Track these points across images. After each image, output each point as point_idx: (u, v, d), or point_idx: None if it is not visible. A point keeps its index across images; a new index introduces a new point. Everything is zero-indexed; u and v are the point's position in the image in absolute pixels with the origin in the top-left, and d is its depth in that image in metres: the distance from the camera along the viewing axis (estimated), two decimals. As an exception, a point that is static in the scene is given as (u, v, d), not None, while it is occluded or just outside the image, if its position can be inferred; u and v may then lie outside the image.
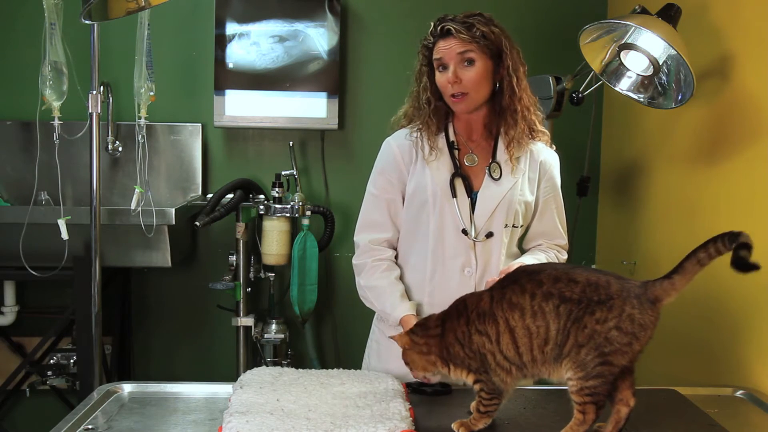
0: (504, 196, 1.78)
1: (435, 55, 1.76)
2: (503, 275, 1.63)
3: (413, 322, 1.67)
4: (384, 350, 1.89)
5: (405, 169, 1.83)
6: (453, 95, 1.74)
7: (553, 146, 1.89)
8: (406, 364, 1.45)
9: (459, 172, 1.80)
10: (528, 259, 1.79)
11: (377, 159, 1.88)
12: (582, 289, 1.30)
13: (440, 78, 1.76)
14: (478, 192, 1.80)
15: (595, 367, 1.27)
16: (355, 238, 1.89)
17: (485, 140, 1.85)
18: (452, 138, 1.83)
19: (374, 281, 1.82)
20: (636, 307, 1.27)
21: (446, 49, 1.73)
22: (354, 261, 1.88)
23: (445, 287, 1.78)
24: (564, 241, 1.89)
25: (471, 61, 1.73)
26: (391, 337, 1.48)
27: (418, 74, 1.82)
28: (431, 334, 1.42)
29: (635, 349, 1.27)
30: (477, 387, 1.38)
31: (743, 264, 1.21)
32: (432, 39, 1.76)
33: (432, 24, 1.78)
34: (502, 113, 1.80)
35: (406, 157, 1.83)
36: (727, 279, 1.92)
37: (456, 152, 1.82)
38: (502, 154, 1.82)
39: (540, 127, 1.85)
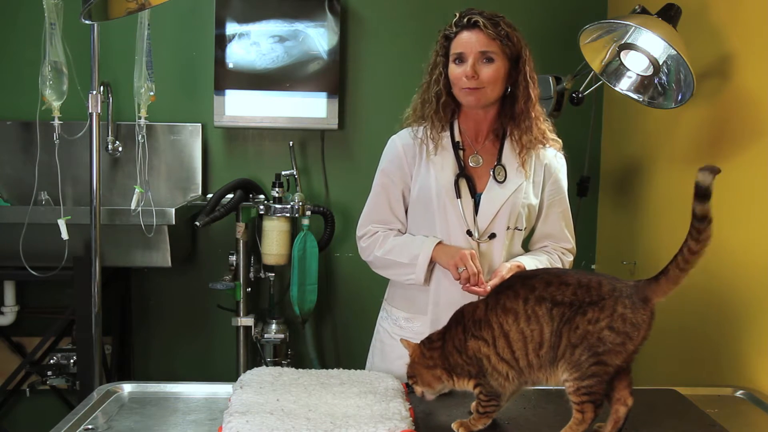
0: (507, 199, 1.78)
1: (455, 47, 1.74)
2: (496, 276, 1.65)
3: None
4: (388, 350, 1.89)
5: (408, 168, 1.83)
6: (467, 88, 1.73)
7: (563, 152, 1.88)
8: (411, 377, 1.46)
9: (464, 172, 1.79)
10: (525, 259, 1.78)
11: (382, 156, 1.88)
12: (573, 291, 1.30)
13: (455, 70, 1.74)
14: (481, 194, 1.79)
15: (590, 367, 1.27)
16: (358, 232, 1.88)
17: (491, 142, 1.84)
18: (457, 138, 1.83)
19: (391, 242, 1.81)
20: (628, 307, 1.27)
21: (468, 42, 1.71)
22: (362, 243, 1.86)
23: (448, 286, 1.78)
24: (570, 244, 1.88)
25: (490, 59, 1.72)
26: (402, 341, 1.47)
27: (432, 65, 1.80)
28: (435, 347, 1.44)
29: (629, 349, 1.27)
30: (476, 390, 1.39)
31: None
32: (454, 30, 1.74)
33: (456, 14, 1.76)
34: (515, 118, 1.79)
35: (409, 156, 1.83)
36: (727, 279, 1.92)
37: (461, 152, 1.81)
38: (507, 157, 1.81)
39: (552, 135, 1.85)
